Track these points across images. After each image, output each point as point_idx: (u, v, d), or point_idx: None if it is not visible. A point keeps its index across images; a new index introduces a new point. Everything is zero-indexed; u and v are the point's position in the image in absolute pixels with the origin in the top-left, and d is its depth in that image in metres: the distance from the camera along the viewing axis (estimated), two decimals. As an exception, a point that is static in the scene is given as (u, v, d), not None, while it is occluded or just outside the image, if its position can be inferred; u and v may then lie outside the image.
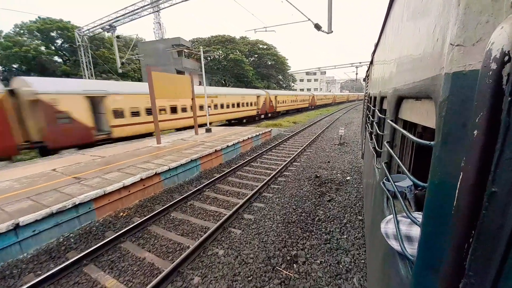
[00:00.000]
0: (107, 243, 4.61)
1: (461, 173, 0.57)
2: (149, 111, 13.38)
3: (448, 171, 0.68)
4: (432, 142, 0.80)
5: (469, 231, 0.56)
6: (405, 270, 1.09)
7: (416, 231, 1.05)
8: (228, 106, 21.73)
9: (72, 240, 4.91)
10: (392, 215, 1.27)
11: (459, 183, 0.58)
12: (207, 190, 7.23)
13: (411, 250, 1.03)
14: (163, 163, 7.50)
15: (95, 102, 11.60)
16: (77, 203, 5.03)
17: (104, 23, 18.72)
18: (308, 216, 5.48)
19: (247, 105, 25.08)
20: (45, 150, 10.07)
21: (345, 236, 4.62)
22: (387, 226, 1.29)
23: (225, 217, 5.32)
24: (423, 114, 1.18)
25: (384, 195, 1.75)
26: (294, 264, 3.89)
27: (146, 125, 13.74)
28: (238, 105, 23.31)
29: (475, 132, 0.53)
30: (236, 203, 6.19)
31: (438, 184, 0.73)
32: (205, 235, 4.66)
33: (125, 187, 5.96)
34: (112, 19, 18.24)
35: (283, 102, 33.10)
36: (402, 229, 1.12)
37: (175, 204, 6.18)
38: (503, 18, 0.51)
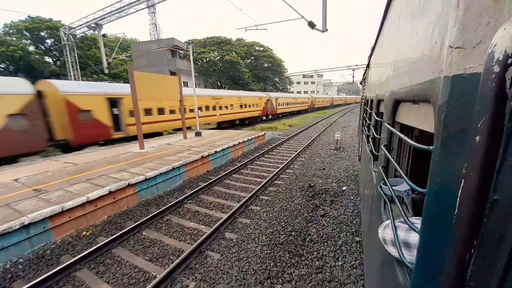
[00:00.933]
0: (58, 272, 3.87)
1: (462, 180, 0.55)
2: (289, 104, 35.40)
3: (448, 178, 0.67)
4: (431, 147, 0.78)
5: (470, 240, 0.54)
6: (404, 277, 1.07)
7: (414, 238, 1.02)
8: (299, 103, 40.68)
9: (21, 267, 4.16)
10: (389, 220, 1.25)
11: (460, 190, 0.56)
12: (188, 202, 6.52)
13: (410, 257, 0.99)
14: (140, 172, 6.77)
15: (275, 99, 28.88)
16: (26, 223, 4.28)
17: (90, 21, 17.92)
18: (298, 235, 4.79)
19: (304, 104, 43.33)
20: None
21: (340, 263, 3.94)
22: (385, 232, 1.25)
23: (203, 237, 4.61)
24: (420, 118, 1.16)
25: (381, 199, 1.73)
26: (277, 303, 3.20)
27: (289, 108, 36.10)
28: (302, 103, 42.22)
29: (477, 137, 0.51)
30: (219, 218, 5.50)
31: (437, 191, 0.71)
32: (176, 261, 3.95)
33: (90, 202, 5.21)
34: (97, 17, 17.44)
35: (317, 102, 52.13)
36: (400, 235, 1.09)
37: (150, 219, 5.46)
38: (505, 19, 0.49)
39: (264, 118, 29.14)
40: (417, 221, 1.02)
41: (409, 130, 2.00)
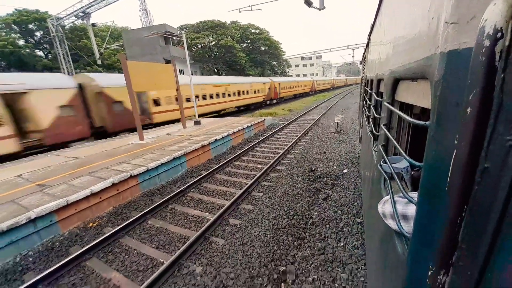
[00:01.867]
0: (69, 262, 4.00)
1: (455, 150, 0.58)
2: (321, 84, 55.49)
3: (442, 150, 0.70)
4: (427, 122, 0.80)
5: (461, 206, 0.57)
6: (402, 247, 1.13)
7: (412, 210, 1.09)
8: (326, 83, 58.56)
9: (31, 259, 4.29)
10: (389, 196, 1.30)
11: (452, 160, 0.58)
12: (191, 190, 6.60)
13: (407, 228, 1.06)
14: (141, 163, 6.79)
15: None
16: (32, 217, 4.36)
17: (77, 10, 17.16)
18: (300, 219, 4.88)
19: (328, 83, 60.54)
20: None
21: (341, 244, 4.03)
22: (384, 207, 1.31)
23: (208, 223, 4.71)
24: (419, 95, 1.18)
25: (382, 177, 1.79)
26: (282, 284, 3.32)
27: (321, 87, 55.31)
28: (328, 83, 60.38)
29: (468, 109, 0.53)
30: (222, 205, 5.59)
31: (433, 163, 0.75)
32: (182, 248, 4.06)
33: (94, 194, 5.28)
34: (84, 5, 16.67)
35: (336, 83, 70.57)
36: (399, 209, 1.15)
37: (155, 209, 5.55)
38: None
39: (311, 93, 47.28)
40: (415, 195, 1.06)
41: (408, 109, 2.08)
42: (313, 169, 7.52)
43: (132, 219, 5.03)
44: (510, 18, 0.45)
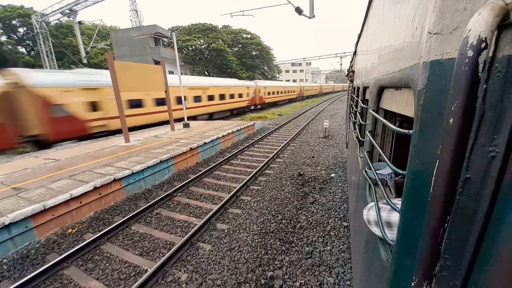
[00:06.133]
0: (45, 271, 3.77)
1: (437, 160, 0.57)
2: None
3: (425, 159, 0.71)
4: (410, 131, 0.81)
5: (444, 216, 0.57)
6: (386, 254, 1.13)
7: (396, 217, 1.09)
8: (314, 89, 61.64)
9: (5, 267, 4.02)
10: (373, 202, 1.30)
11: (435, 170, 0.58)
12: (178, 194, 6.45)
13: (391, 235, 1.06)
14: (126, 166, 6.57)
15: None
16: (6, 223, 4.09)
17: (63, 7, 16.59)
18: (288, 223, 4.88)
19: (328, 88, 76.52)
20: None
21: (328, 248, 4.06)
22: (369, 213, 1.31)
23: (194, 229, 4.61)
24: (402, 103, 1.19)
25: (367, 183, 1.81)
26: (269, 290, 3.28)
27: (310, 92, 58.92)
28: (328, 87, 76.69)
29: (451, 120, 0.53)
30: (210, 210, 5.49)
31: (416, 172, 0.75)
32: (167, 255, 3.93)
33: (74, 198, 5.03)
34: (72, 2, 16.15)
35: (327, 88, 78.27)
36: (383, 216, 1.14)
37: (139, 214, 5.37)
38: (480, 4, 0.50)
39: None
40: (399, 202, 1.07)
41: (393, 117, 2.12)
42: (302, 173, 7.58)
43: (114, 225, 4.83)
44: (495, 29, 0.46)
